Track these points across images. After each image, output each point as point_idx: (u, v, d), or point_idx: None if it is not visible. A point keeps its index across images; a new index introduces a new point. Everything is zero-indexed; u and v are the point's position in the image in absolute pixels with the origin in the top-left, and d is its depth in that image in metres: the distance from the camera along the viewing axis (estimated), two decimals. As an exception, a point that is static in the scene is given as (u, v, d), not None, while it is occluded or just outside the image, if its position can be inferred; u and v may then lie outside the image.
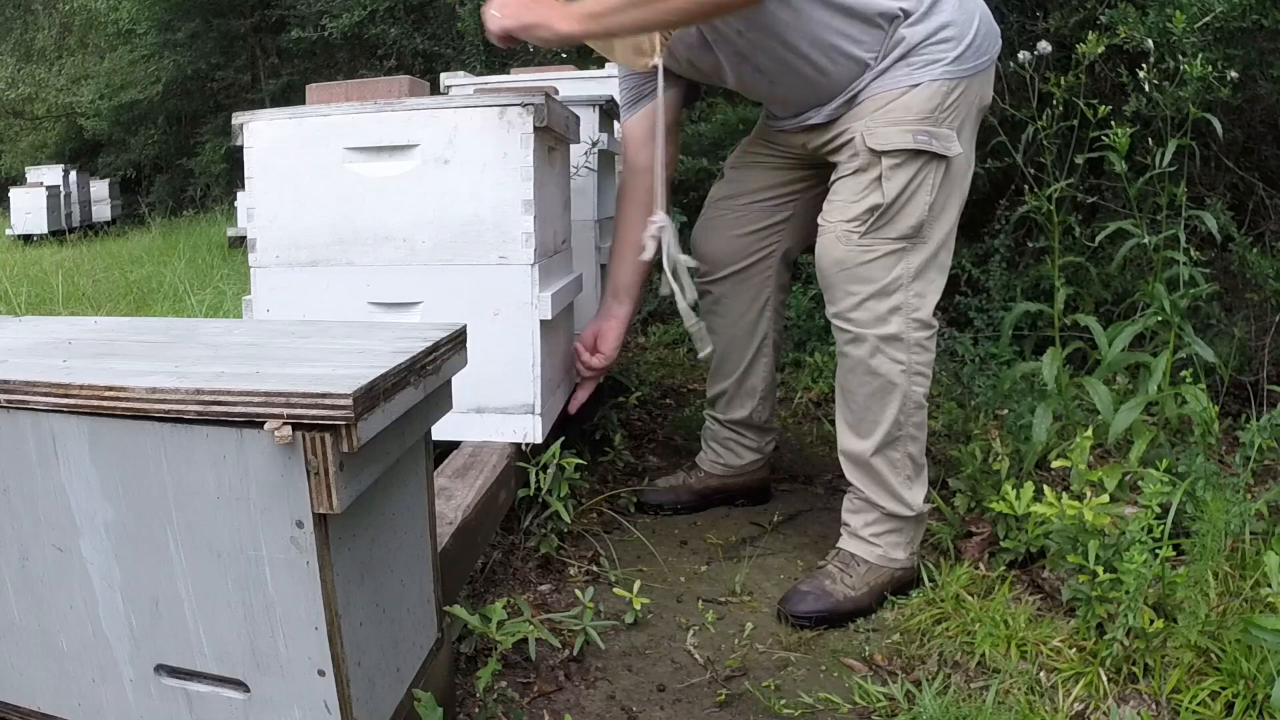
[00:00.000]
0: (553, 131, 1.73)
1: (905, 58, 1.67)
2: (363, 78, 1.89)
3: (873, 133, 1.67)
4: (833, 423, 1.99)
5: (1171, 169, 1.97)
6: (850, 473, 1.75)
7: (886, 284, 1.66)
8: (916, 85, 1.66)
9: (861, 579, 1.70)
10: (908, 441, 1.70)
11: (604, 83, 2.50)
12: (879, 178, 1.66)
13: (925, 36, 1.66)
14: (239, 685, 0.92)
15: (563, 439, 1.80)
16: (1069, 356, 2.09)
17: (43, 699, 1.01)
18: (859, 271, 1.68)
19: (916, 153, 1.65)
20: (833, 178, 1.76)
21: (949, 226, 1.71)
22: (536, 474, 1.72)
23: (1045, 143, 2.02)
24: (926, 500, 1.74)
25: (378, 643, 0.98)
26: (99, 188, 11.96)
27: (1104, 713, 1.32)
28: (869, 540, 1.72)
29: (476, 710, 1.32)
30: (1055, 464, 1.79)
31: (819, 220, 1.75)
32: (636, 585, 1.67)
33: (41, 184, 10.28)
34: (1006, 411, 2.26)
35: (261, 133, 1.69)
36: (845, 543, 1.76)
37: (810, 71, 1.71)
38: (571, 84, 2.46)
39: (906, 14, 1.65)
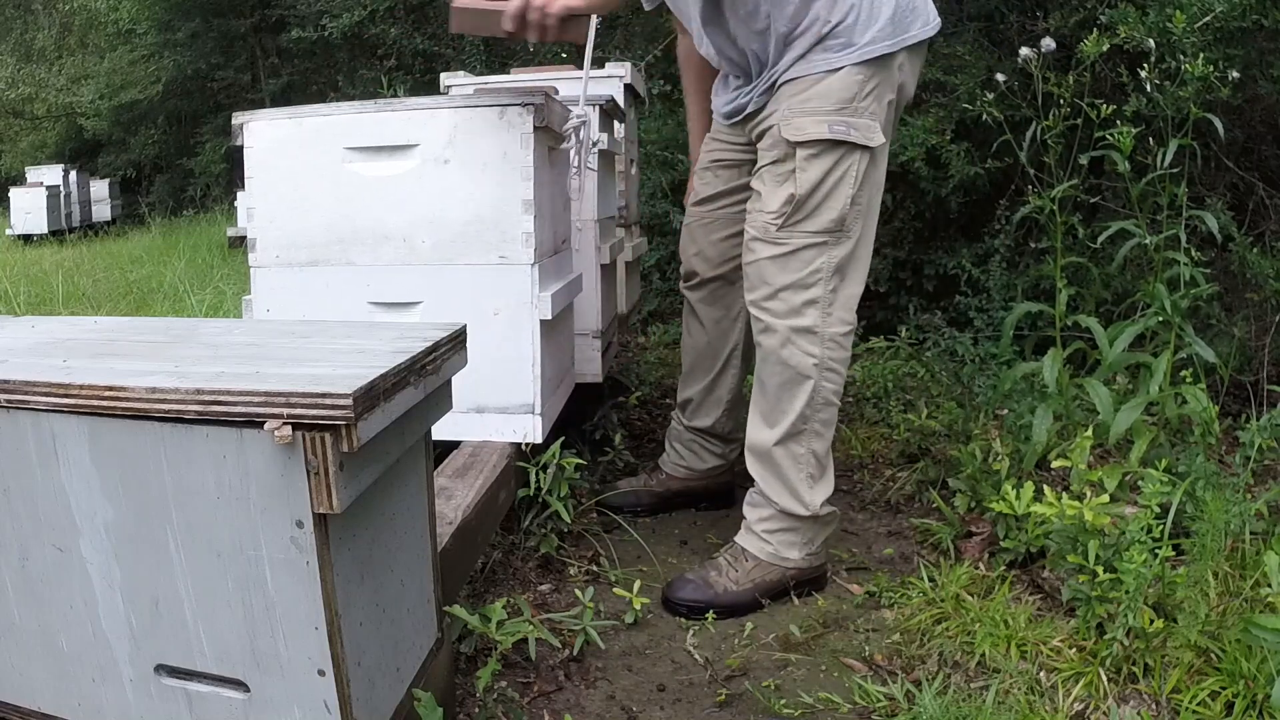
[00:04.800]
0: (553, 131, 1.73)
1: (823, 40, 1.62)
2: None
3: (789, 123, 1.63)
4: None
5: (1173, 169, 1.97)
6: (752, 465, 1.73)
7: (804, 277, 1.64)
8: (835, 70, 1.61)
9: (747, 575, 1.69)
10: (812, 437, 1.67)
11: (604, 83, 2.50)
12: (794, 169, 1.63)
13: (841, 17, 1.61)
14: (239, 685, 0.92)
15: (563, 439, 1.80)
16: (1069, 357, 2.09)
17: (43, 699, 1.01)
18: (777, 263, 1.65)
19: (834, 143, 1.61)
20: (755, 167, 1.73)
21: (873, 220, 1.69)
22: (536, 474, 1.72)
23: (1050, 142, 2.01)
24: (825, 503, 1.70)
25: (378, 643, 0.98)
26: (99, 188, 11.96)
27: (1104, 713, 1.32)
28: (761, 537, 1.71)
29: (476, 710, 1.32)
30: (1055, 464, 1.79)
31: (749, 215, 1.72)
32: (636, 585, 1.67)
33: (41, 184, 10.29)
34: (1006, 411, 2.26)
35: (261, 133, 1.69)
36: (740, 536, 1.75)
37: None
38: (571, 84, 2.46)
39: None
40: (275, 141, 1.69)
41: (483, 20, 1.58)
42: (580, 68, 2.05)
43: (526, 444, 1.74)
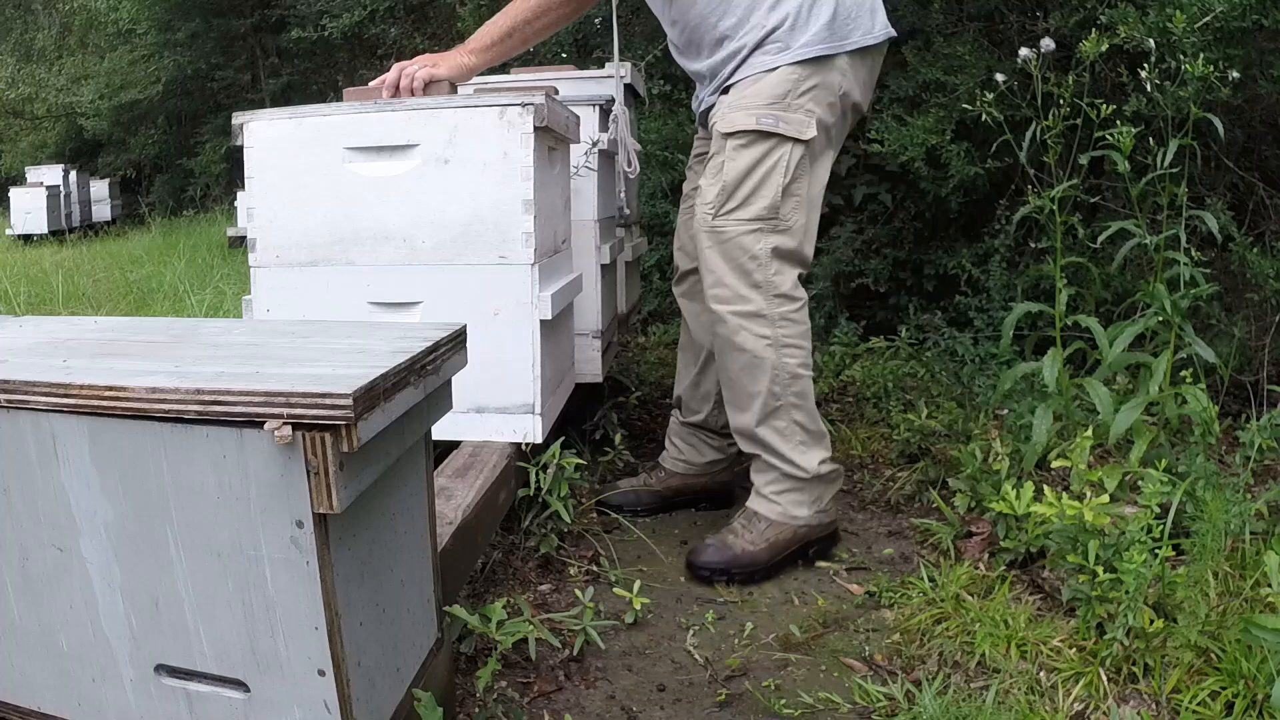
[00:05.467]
0: (553, 131, 1.73)
1: (761, 44, 1.72)
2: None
3: (723, 118, 1.73)
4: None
5: (1173, 169, 1.97)
6: (745, 446, 1.81)
7: (743, 262, 1.71)
8: (772, 70, 1.70)
9: (761, 535, 1.77)
10: (790, 410, 1.74)
11: (604, 83, 2.50)
12: (724, 160, 1.72)
13: (778, 22, 1.70)
14: (239, 685, 0.92)
15: (563, 439, 1.80)
16: (1069, 357, 2.09)
17: (43, 699, 1.01)
18: (716, 251, 1.73)
19: (762, 134, 1.68)
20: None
21: (815, 213, 1.76)
22: (536, 474, 1.72)
23: (1050, 142, 2.01)
24: (824, 462, 1.78)
25: (378, 643, 0.98)
26: (99, 188, 11.96)
27: (1104, 713, 1.32)
28: (770, 499, 1.79)
29: (476, 710, 1.32)
30: (1055, 464, 1.79)
31: (696, 209, 1.80)
32: (636, 585, 1.67)
33: (41, 184, 10.28)
34: (1006, 411, 2.26)
35: (261, 133, 1.69)
36: (751, 501, 1.82)
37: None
38: (571, 84, 2.46)
39: None
40: (275, 141, 1.69)
41: (367, 94, 1.78)
42: (580, 68, 2.18)
43: (526, 444, 1.74)
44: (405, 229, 1.67)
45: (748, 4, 1.73)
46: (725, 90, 1.79)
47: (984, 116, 2.06)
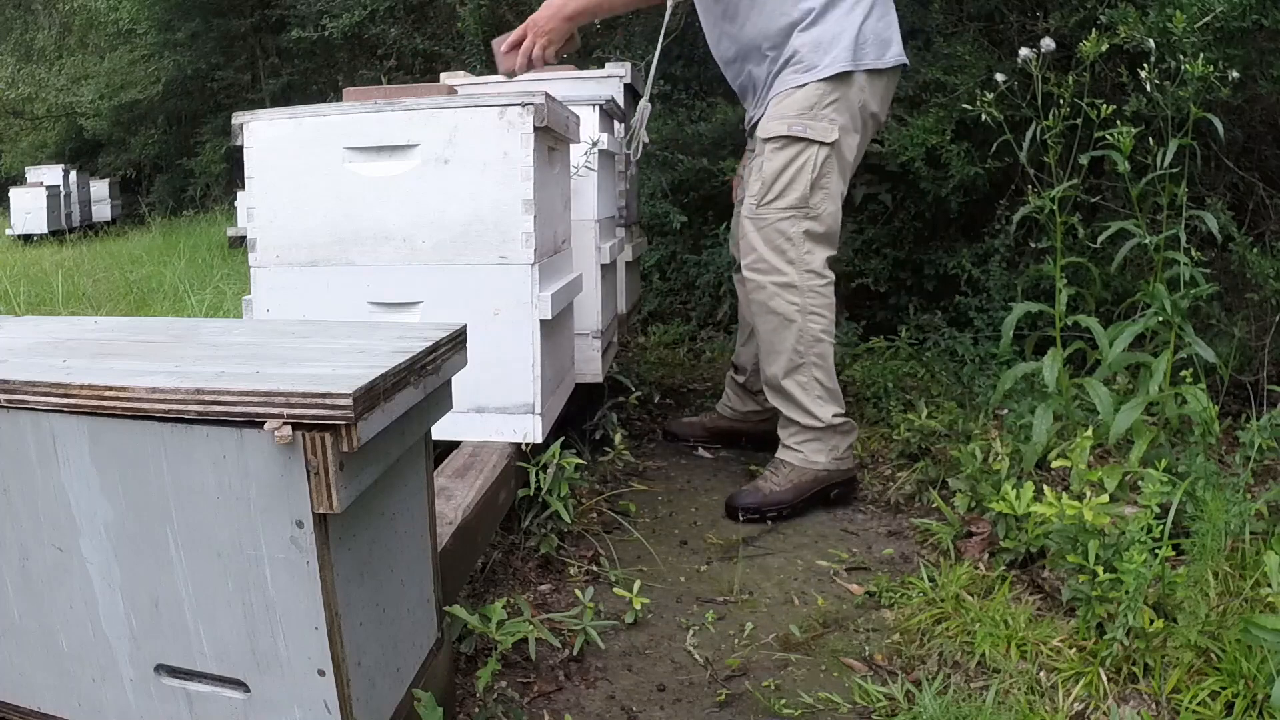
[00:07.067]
0: (553, 131, 1.73)
1: (790, 62, 2.06)
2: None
3: (763, 127, 2.09)
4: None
5: (1173, 169, 1.96)
6: (772, 398, 2.14)
7: (779, 243, 2.06)
8: (801, 86, 2.03)
9: (786, 479, 2.10)
10: (811, 368, 2.08)
11: (604, 83, 2.50)
12: (763, 160, 2.07)
13: (810, 44, 2.02)
14: (239, 685, 0.92)
15: (563, 439, 1.80)
16: (1069, 357, 2.09)
17: (43, 699, 1.01)
18: (759, 235, 2.08)
19: (793, 139, 2.03)
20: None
21: (834, 204, 2.08)
22: (536, 474, 1.72)
23: (1050, 142, 2.01)
24: (838, 415, 2.09)
25: (378, 643, 0.98)
26: (99, 188, 11.95)
27: (1104, 713, 1.32)
28: (792, 448, 2.12)
29: (476, 710, 1.32)
30: (1055, 464, 1.79)
31: (740, 201, 2.16)
32: (636, 585, 1.67)
33: (41, 184, 10.28)
34: (1006, 411, 2.26)
35: (261, 133, 1.69)
36: (778, 452, 2.15)
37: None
38: (571, 84, 2.46)
39: (798, 23, 2.03)
40: (275, 141, 1.69)
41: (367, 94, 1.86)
42: (580, 68, 2.49)
43: (526, 444, 1.74)
44: (405, 229, 1.67)
45: (785, 28, 2.06)
46: (766, 104, 2.14)
47: (984, 116, 2.06)
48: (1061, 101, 2.00)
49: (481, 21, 5.46)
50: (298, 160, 1.68)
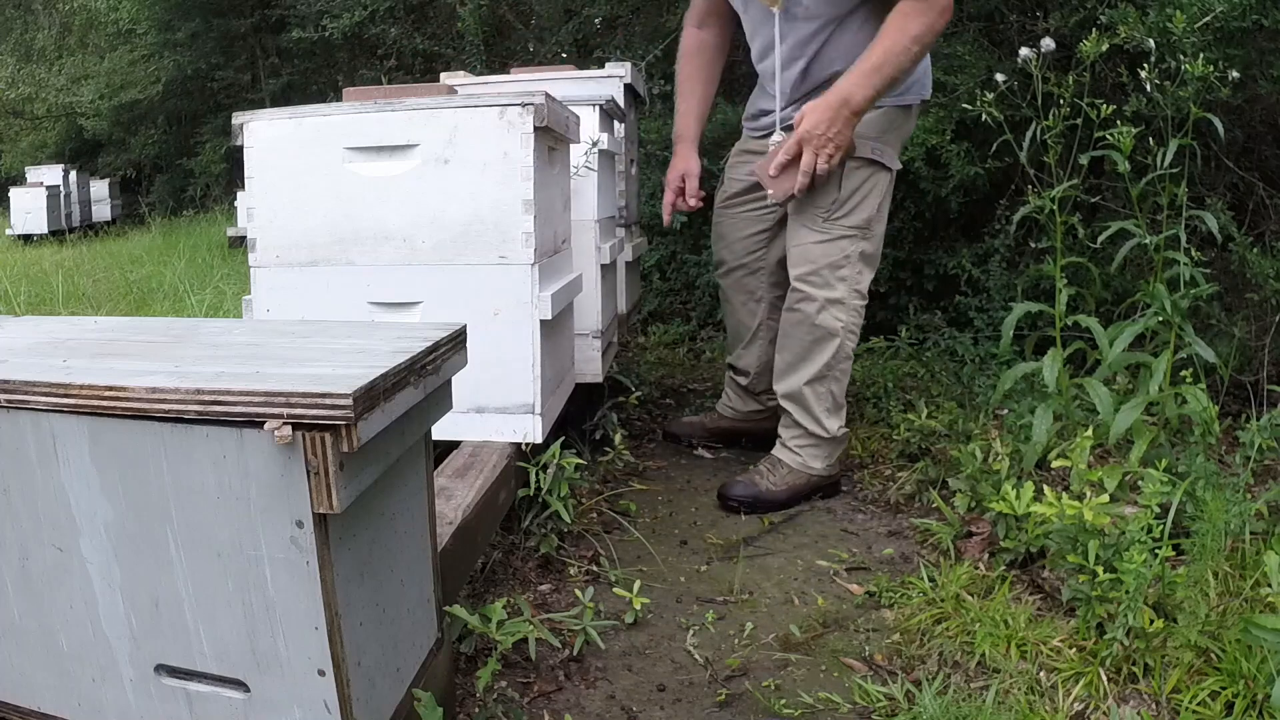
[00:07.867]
0: (553, 131, 1.73)
1: None
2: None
3: None
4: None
5: (1173, 169, 1.96)
6: (784, 402, 2.17)
7: (838, 260, 2.09)
8: (878, 108, 2.03)
9: (783, 479, 2.14)
10: (832, 381, 2.13)
11: (604, 83, 2.50)
12: (841, 177, 2.06)
13: None
14: (239, 685, 0.92)
15: (563, 439, 1.80)
16: (1069, 357, 2.09)
17: (43, 699, 1.01)
18: (820, 247, 2.09)
19: (870, 162, 2.06)
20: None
21: (883, 228, 2.15)
22: (536, 474, 1.72)
23: (1050, 142, 2.01)
24: (841, 428, 2.16)
25: (378, 643, 0.98)
26: (99, 188, 11.95)
27: (1104, 713, 1.32)
28: (793, 450, 2.16)
29: (476, 710, 1.32)
30: (1055, 464, 1.79)
31: (795, 207, 2.13)
32: (636, 585, 1.67)
33: (41, 184, 10.27)
34: (1006, 411, 2.26)
35: (261, 133, 1.69)
36: (776, 450, 2.19)
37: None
38: (571, 84, 2.46)
39: None
40: (275, 141, 1.69)
41: (366, 94, 1.74)
42: (580, 68, 2.47)
43: (526, 444, 1.74)
44: (405, 229, 1.67)
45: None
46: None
47: (984, 116, 2.06)
48: (1061, 101, 2.00)
49: (481, 21, 5.46)
50: (298, 160, 1.68)
